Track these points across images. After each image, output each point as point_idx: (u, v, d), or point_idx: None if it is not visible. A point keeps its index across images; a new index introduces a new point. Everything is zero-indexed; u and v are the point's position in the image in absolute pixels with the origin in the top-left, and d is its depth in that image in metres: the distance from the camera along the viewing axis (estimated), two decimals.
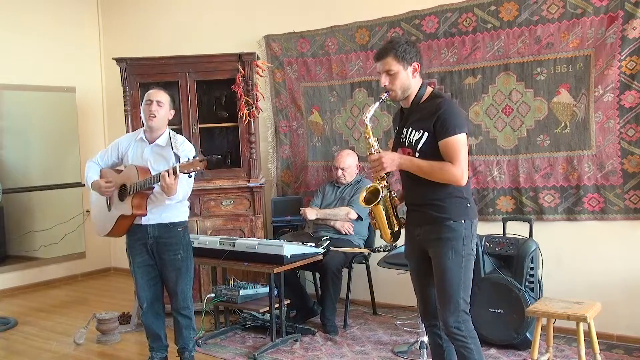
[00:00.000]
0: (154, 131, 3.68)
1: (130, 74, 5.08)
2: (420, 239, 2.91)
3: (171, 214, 3.69)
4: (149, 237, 3.67)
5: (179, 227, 3.71)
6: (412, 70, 2.87)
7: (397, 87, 2.86)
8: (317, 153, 5.47)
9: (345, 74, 5.23)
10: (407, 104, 2.94)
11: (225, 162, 5.45)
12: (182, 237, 3.71)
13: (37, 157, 6.52)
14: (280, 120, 5.61)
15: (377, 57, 2.89)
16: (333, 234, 4.74)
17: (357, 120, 5.22)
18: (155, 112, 3.63)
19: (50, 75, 6.42)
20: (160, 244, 3.68)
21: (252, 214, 5.04)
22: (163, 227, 3.67)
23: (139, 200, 3.56)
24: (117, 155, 3.80)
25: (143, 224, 3.66)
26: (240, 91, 5.00)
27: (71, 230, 6.56)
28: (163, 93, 3.71)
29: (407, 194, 2.99)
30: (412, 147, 2.85)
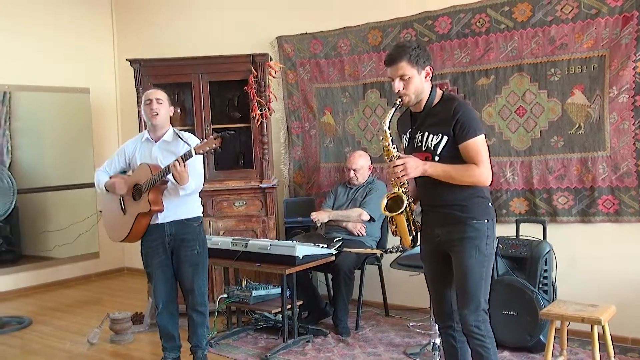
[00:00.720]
0: (158, 130, 3.74)
1: (144, 75, 5.10)
2: (441, 239, 2.90)
3: (186, 210, 3.73)
4: (167, 234, 3.71)
5: (195, 223, 3.77)
6: (425, 75, 2.85)
7: (411, 91, 2.83)
8: (329, 154, 5.47)
9: (358, 74, 5.23)
10: (418, 108, 2.92)
11: (238, 163, 5.47)
12: (198, 233, 3.77)
13: (52, 157, 6.56)
14: (293, 121, 5.61)
15: (389, 62, 2.84)
16: (345, 235, 4.74)
17: (370, 121, 5.21)
18: (157, 110, 3.68)
19: (64, 77, 6.46)
20: (178, 241, 3.72)
21: (265, 214, 5.04)
22: (179, 223, 3.72)
23: (154, 196, 3.61)
24: (125, 160, 3.84)
25: (160, 223, 3.70)
26: (252, 92, 5.01)
27: (85, 231, 6.60)
28: (160, 91, 3.78)
29: (426, 196, 2.97)
30: (430, 151, 2.83)
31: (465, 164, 2.78)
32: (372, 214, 4.73)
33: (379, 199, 4.72)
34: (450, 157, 2.79)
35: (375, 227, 4.82)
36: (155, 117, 3.68)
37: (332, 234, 4.79)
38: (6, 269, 6.08)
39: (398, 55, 2.81)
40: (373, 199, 4.76)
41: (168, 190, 3.65)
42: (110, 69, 6.96)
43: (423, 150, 2.86)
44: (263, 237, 4.95)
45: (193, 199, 3.78)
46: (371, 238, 4.79)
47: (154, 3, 6.65)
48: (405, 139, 2.97)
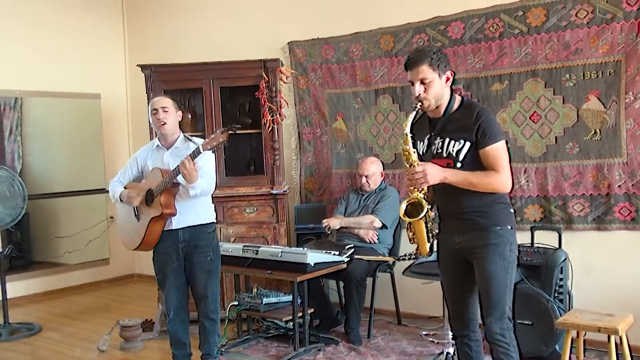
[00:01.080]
0: (168, 137, 3.75)
1: (155, 81, 5.12)
2: (462, 247, 2.87)
3: (200, 216, 3.74)
4: (180, 241, 3.71)
5: (209, 229, 3.77)
6: (446, 80, 2.84)
7: (431, 96, 2.81)
8: (341, 160, 5.45)
9: (370, 80, 5.22)
10: (437, 113, 2.89)
11: (249, 169, 5.47)
12: (211, 239, 3.78)
13: (62, 163, 6.58)
14: (304, 127, 5.61)
15: (410, 65, 2.81)
16: (357, 242, 4.72)
17: (382, 127, 5.19)
18: (164, 119, 3.69)
19: (75, 82, 6.49)
20: (191, 247, 3.73)
21: (276, 221, 5.04)
22: (193, 229, 3.72)
23: (166, 199, 3.61)
24: (137, 168, 3.87)
25: (173, 229, 3.70)
26: (264, 98, 5.01)
27: (95, 237, 6.61)
28: (165, 98, 3.78)
29: (445, 203, 2.94)
30: (452, 157, 2.81)
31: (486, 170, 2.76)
32: (384, 221, 4.71)
33: (391, 205, 4.79)
34: (472, 164, 2.78)
35: (388, 234, 4.80)
36: (163, 127, 3.69)
37: (344, 241, 4.77)
38: (17, 275, 6.10)
39: (419, 59, 2.80)
40: (385, 206, 4.75)
41: (180, 195, 3.66)
42: (121, 74, 6.98)
43: (444, 156, 2.83)
44: (274, 244, 4.94)
45: (206, 204, 3.79)
46: (383, 245, 4.77)
47: (165, 8, 6.67)
48: (422, 146, 2.93)
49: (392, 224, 4.79)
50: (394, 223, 4.80)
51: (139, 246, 3.76)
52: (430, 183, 2.74)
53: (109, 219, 6.68)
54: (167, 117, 3.69)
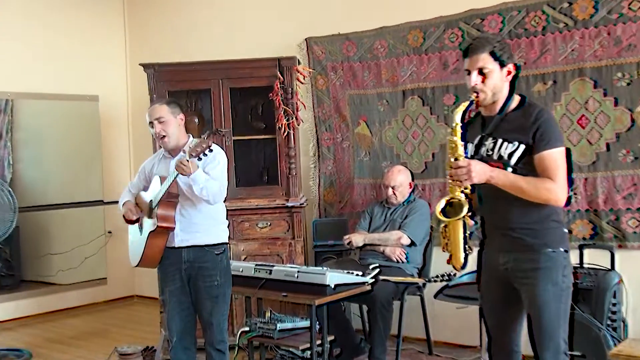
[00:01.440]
0: (175, 148, 3.74)
1: (159, 81, 5.15)
2: (507, 268, 2.81)
3: (207, 235, 3.71)
4: (183, 261, 3.70)
5: (217, 251, 3.73)
6: (507, 73, 2.81)
7: (488, 88, 2.78)
8: (364, 169, 5.44)
9: (397, 80, 5.20)
10: (491, 110, 2.85)
11: (262, 178, 5.47)
12: (219, 262, 3.74)
13: (56, 172, 6.63)
14: (323, 132, 5.60)
15: (469, 51, 2.79)
16: (382, 262, 4.68)
17: (411, 132, 5.17)
18: (162, 132, 3.66)
19: (70, 83, 6.53)
20: (195, 269, 3.70)
21: (291, 237, 5.04)
22: (198, 250, 3.69)
23: (164, 210, 3.60)
24: (145, 178, 3.88)
25: (176, 247, 3.69)
26: (278, 100, 5.02)
27: (92, 254, 6.63)
28: (159, 106, 3.71)
29: (491, 215, 2.89)
30: (503, 160, 2.76)
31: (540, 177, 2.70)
32: (413, 238, 4.68)
33: (421, 220, 4.76)
34: (525, 170, 2.73)
35: (417, 253, 4.77)
36: (163, 141, 3.69)
37: (368, 259, 4.73)
38: (5, 296, 6.14)
39: (480, 46, 2.77)
40: (414, 221, 4.73)
41: (184, 208, 3.64)
42: (122, 74, 7.02)
43: (494, 159, 2.78)
44: (289, 263, 4.93)
45: (217, 221, 3.76)
46: (412, 265, 4.74)
47: (169, 4, 6.70)
48: (471, 148, 2.87)
49: (422, 241, 4.76)
50: (424, 240, 4.77)
51: (140, 262, 3.77)
52: (474, 180, 2.68)
53: (107, 234, 6.71)
54: (166, 127, 3.66)
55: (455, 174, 2.70)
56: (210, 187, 3.56)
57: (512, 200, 2.73)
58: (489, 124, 2.85)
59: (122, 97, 7.03)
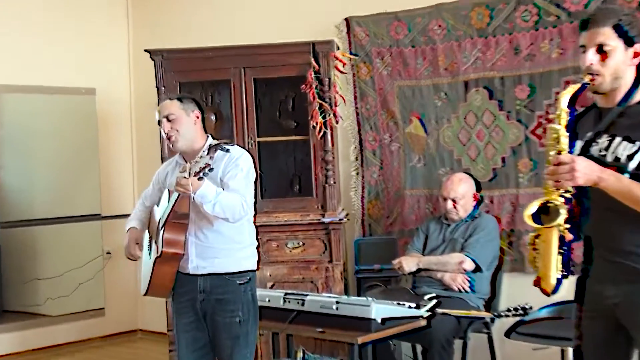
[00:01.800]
0: (186, 150, 3.75)
1: (168, 71, 5.21)
2: (615, 303, 2.71)
3: (228, 261, 3.70)
4: (199, 291, 3.70)
5: (240, 280, 3.72)
6: (633, 55, 2.71)
7: (608, 70, 2.68)
8: (417, 177, 5.44)
9: (457, 68, 5.20)
10: (609, 101, 2.74)
11: (292, 188, 5.50)
12: (242, 294, 3.72)
13: (44, 180, 6.66)
14: (367, 132, 5.62)
15: (589, 23, 2.69)
16: (441, 291, 4.67)
17: (474, 131, 5.15)
18: (171, 132, 3.67)
19: (63, 74, 6.56)
20: (213, 302, 3.70)
21: (328, 260, 5.06)
22: (217, 279, 3.69)
23: (170, 234, 3.61)
24: (159, 188, 3.91)
25: (191, 274, 3.70)
26: (312, 93, 5.05)
27: (87, 279, 6.65)
28: (169, 102, 3.74)
29: (597, 233, 2.78)
30: (619, 163, 2.62)
31: None
32: (479, 261, 4.66)
33: (488, 240, 4.73)
34: None
35: (483, 280, 4.75)
36: (173, 143, 3.70)
37: (423, 288, 4.73)
38: None
39: (603, 18, 2.68)
40: (479, 241, 4.70)
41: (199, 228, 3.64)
42: (123, 63, 7.06)
43: (608, 161, 2.64)
44: (326, 292, 4.94)
45: (240, 243, 3.74)
46: (477, 295, 4.72)
47: None
48: (579, 145, 2.77)
49: (490, 266, 4.74)
50: (491, 264, 4.75)
51: (148, 290, 3.80)
52: (578, 181, 2.56)
53: (106, 255, 6.72)
54: (176, 126, 3.66)
55: (554, 171, 2.59)
56: (227, 201, 3.52)
57: (626, 214, 2.61)
58: (604, 117, 2.74)
59: (123, 91, 7.07)
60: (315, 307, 4.23)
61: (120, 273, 6.63)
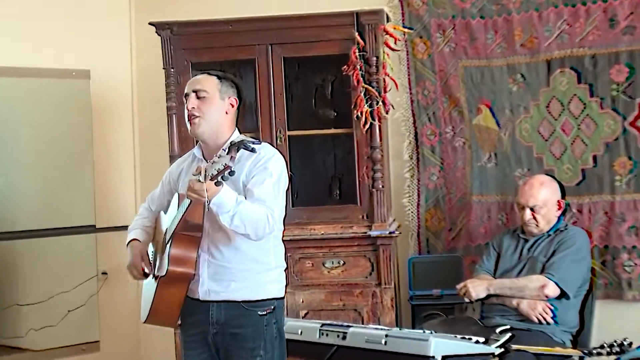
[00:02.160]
0: (207, 140, 3.74)
1: (178, 49, 5.24)
2: None
3: (247, 285, 3.66)
4: (211, 323, 3.68)
5: (262, 310, 3.68)
6: None
7: None
8: (487, 180, 5.46)
9: (538, 44, 5.22)
10: None
11: (331, 194, 5.51)
12: (264, 328, 3.68)
13: (27, 182, 6.69)
14: (425, 125, 5.63)
15: None
16: (516, 322, 4.67)
17: (559, 123, 5.16)
18: (195, 112, 3.65)
19: (49, 53, 6.61)
20: (228, 337, 3.68)
21: (376, 283, 5.05)
22: (233, 308, 3.66)
23: (178, 249, 3.59)
24: (170, 190, 3.92)
25: (202, 300, 3.68)
26: (357, 75, 5.05)
27: (78, 305, 6.67)
28: (205, 76, 3.75)
29: None
30: None
31: None
32: (564, 286, 4.64)
33: (577, 259, 4.71)
34: None
35: (570, 309, 4.74)
36: (193, 122, 3.67)
37: (494, 319, 4.73)
38: None
39: None
40: (565, 260, 4.69)
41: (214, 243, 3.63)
42: (123, 40, 7.09)
43: None
44: (373, 322, 4.93)
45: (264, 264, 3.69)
46: (562, 328, 4.71)
47: None
48: None
49: (578, 291, 4.72)
50: (580, 290, 4.73)
51: (148, 317, 3.78)
52: None
53: (101, 276, 6.76)
54: (204, 106, 3.65)
55: None
56: (249, 213, 3.46)
57: None
58: None
59: (123, 73, 7.10)
60: (360, 341, 4.25)
61: (119, 298, 6.64)
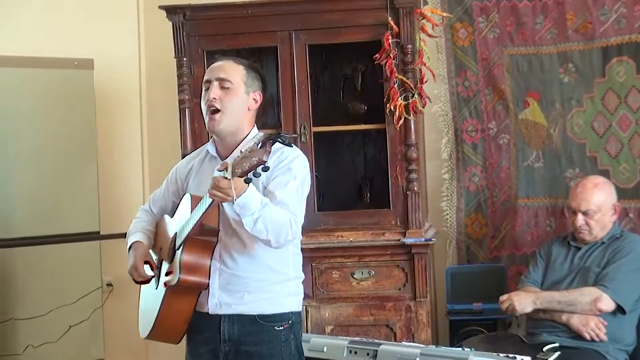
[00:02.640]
0: (226, 137, 3.74)
1: (191, 36, 5.26)
2: None
3: (262, 297, 3.67)
4: (222, 340, 3.69)
5: (278, 325, 3.69)
6: None
7: None
8: (535, 182, 5.49)
9: (593, 30, 5.24)
10: None
11: (361, 197, 5.54)
12: (282, 345, 3.69)
13: (25, 184, 6.69)
14: (466, 120, 5.67)
15: None
16: (566, 340, 4.67)
17: (615, 118, 5.16)
18: (216, 103, 3.63)
19: (50, 42, 6.63)
20: (242, 355, 3.68)
21: (411, 296, 5.06)
22: (247, 322, 3.66)
23: (191, 256, 3.59)
24: (177, 190, 3.92)
25: (211, 314, 3.69)
26: (390, 65, 5.06)
27: (81, 320, 6.66)
28: (232, 64, 3.73)
29: None
30: None
31: None
32: (620, 300, 4.64)
33: (634, 270, 4.70)
34: None
35: (626, 325, 4.74)
36: (213, 118, 3.65)
37: (541, 336, 4.74)
38: None
39: None
40: (621, 270, 4.69)
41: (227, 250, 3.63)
42: (130, 26, 7.11)
43: None
44: (407, 340, 4.95)
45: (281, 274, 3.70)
46: (617, 346, 4.70)
47: None
48: None
49: (636, 305, 4.72)
50: (638, 303, 4.72)
51: (151, 332, 3.80)
52: None
53: (106, 287, 6.79)
54: (227, 98, 3.64)
55: None
56: (274, 217, 3.43)
57: None
58: None
59: (130, 63, 7.09)
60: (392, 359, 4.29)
61: (125, 312, 6.57)
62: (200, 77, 5.07)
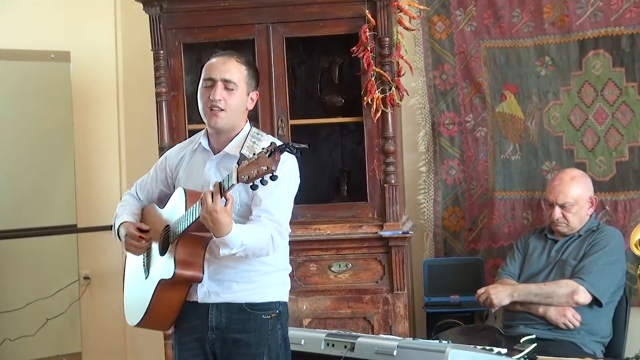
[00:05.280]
0: (222, 133, 3.76)
1: (168, 28, 5.24)
2: None
3: (250, 287, 3.70)
4: (209, 328, 3.71)
5: (266, 313, 3.71)
6: None
7: None
8: (512, 175, 5.50)
9: (569, 23, 5.25)
10: None
11: (339, 190, 5.54)
12: (269, 333, 3.72)
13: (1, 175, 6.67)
14: (443, 113, 5.67)
15: None
16: (543, 331, 4.70)
17: (592, 111, 5.18)
18: (220, 104, 3.65)
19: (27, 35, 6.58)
20: (229, 343, 3.70)
21: (388, 289, 5.07)
22: (235, 310, 3.69)
23: (187, 249, 3.61)
24: (166, 178, 3.93)
25: (200, 303, 3.71)
26: (367, 58, 5.05)
27: (58, 313, 6.64)
28: (236, 64, 3.72)
29: None
30: None
31: None
32: (596, 292, 4.66)
33: (610, 263, 4.72)
34: None
35: (602, 317, 4.76)
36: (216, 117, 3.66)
37: (518, 328, 4.76)
38: None
39: None
40: (597, 263, 4.71)
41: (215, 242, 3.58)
42: (107, 18, 7.07)
43: None
44: (384, 333, 4.96)
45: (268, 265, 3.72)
46: (593, 337, 4.73)
47: None
48: None
49: (612, 297, 4.74)
50: (614, 296, 4.75)
51: (141, 320, 3.82)
52: None
53: (83, 281, 6.76)
54: (230, 99, 3.66)
55: None
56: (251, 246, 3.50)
57: None
58: None
59: (107, 56, 7.05)
60: (369, 352, 4.25)
61: (103, 305, 6.60)
62: (178, 72, 5.12)
